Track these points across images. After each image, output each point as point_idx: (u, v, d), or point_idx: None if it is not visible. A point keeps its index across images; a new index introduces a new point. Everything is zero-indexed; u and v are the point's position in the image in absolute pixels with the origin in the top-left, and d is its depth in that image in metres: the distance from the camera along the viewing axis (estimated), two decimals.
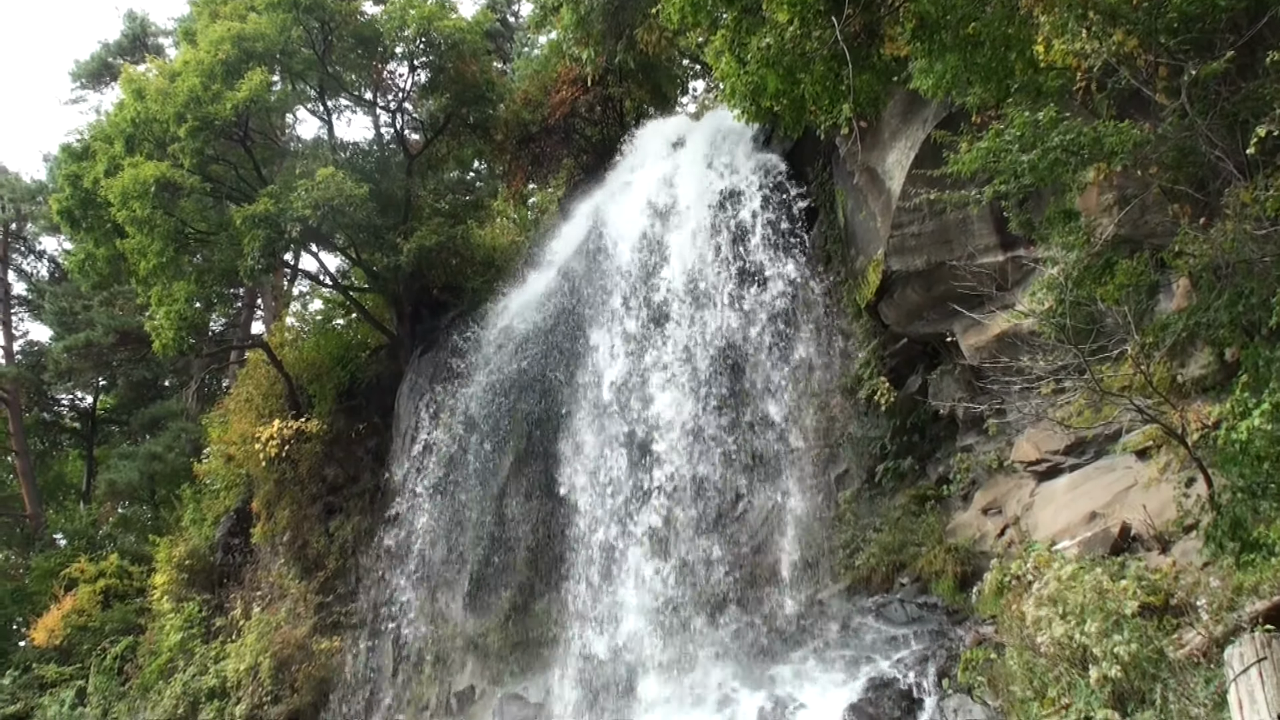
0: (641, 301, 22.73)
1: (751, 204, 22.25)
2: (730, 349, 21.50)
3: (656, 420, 21.59)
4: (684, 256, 22.50)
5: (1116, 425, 15.34)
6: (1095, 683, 10.68)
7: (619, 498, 21.74)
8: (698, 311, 21.88)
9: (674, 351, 21.85)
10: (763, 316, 21.44)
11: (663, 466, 21.18)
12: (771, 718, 16.79)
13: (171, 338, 27.25)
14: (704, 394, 21.36)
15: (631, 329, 22.68)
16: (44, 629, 35.31)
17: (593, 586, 21.50)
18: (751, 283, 21.72)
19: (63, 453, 55.45)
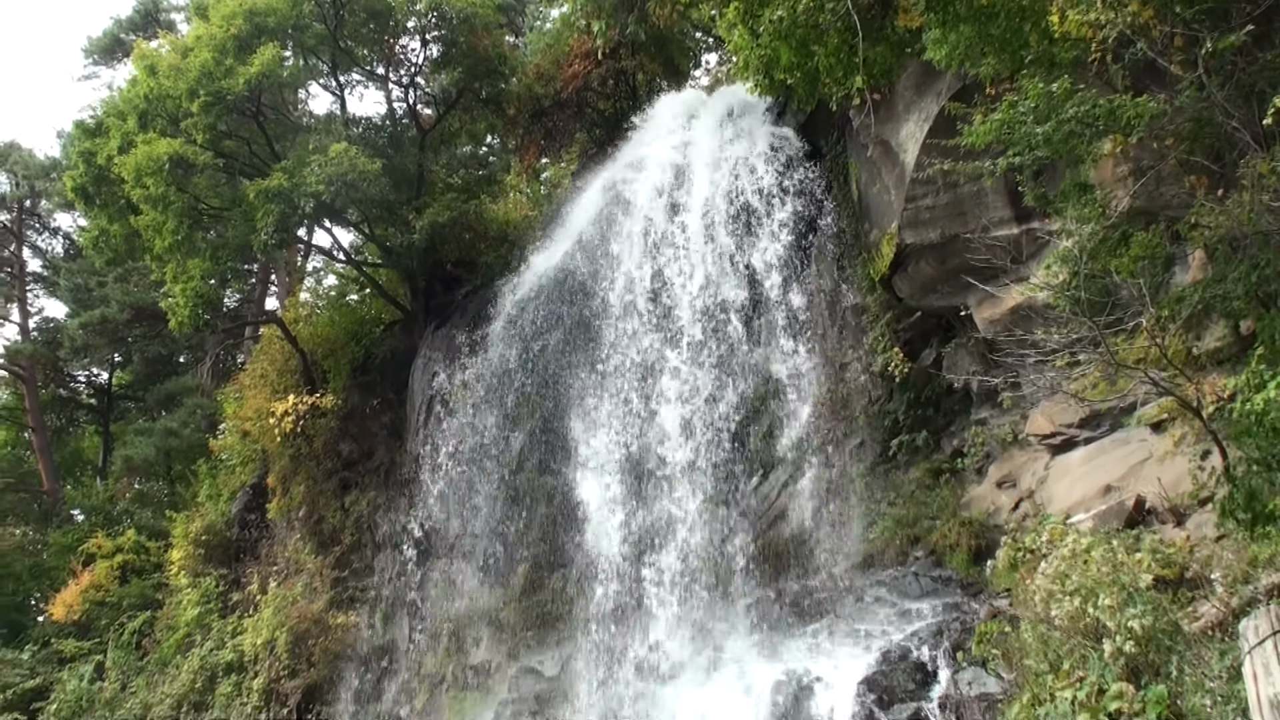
0: (652, 274, 22.71)
1: (764, 177, 22.20)
2: (742, 320, 21.49)
3: (669, 394, 21.62)
4: (696, 227, 22.46)
5: (1131, 398, 15.30)
6: (1109, 656, 10.68)
7: (633, 475, 21.78)
8: (710, 287, 21.86)
9: (686, 325, 21.84)
10: (776, 289, 21.42)
11: (677, 441, 21.21)
12: (786, 690, 16.80)
13: (187, 314, 27.31)
14: (716, 370, 21.36)
15: (642, 305, 22.67)
16: (62, 604, 35.51)
17: (608, 560, 21.54)
18: (765, 255, 21.68)
19: (79, 429, 55.67)
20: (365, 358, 30.12)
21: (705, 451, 21.04)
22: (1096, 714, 10.27)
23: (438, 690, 24.90)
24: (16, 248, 52.88)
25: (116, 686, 31.33)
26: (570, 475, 22.96)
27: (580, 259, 24.56)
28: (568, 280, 24.50)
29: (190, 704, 28.75)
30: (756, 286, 21.68)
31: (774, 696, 16.86)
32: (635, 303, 22.82)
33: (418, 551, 26.33)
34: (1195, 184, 13.25)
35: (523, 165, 33.45)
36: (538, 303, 24.94)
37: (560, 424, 23.64)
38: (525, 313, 25.15)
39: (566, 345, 23.89)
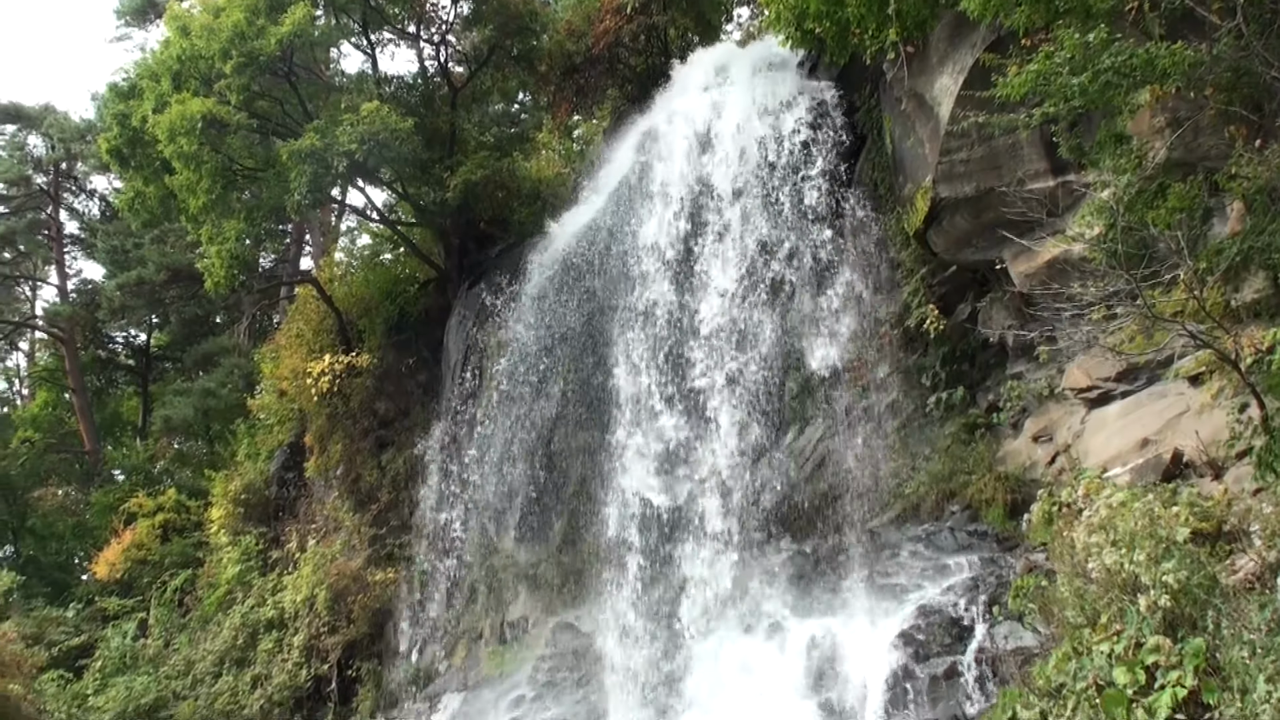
0: (686, 228, 22.66)
1: (797, 132, 22.08)
2: (777, 278, 21.44)
3: (703, 350, 21.64)
4: (729, 182, 22.39)
5: (1169, 351, 15.17)
6: (1146, 609, 10.65)
7: (671, 432, 21.83)
8: (743, 243, 21.81)
9: (719, 280, 21.83)
10: (810, 244, 21.34)
11: (713, 395, 21.25)
12: (820, 645, 16.88)
13: (223, 275, 27.45)
14: (750, 323, 21.34)
15: (672, 256, 22.66)
16: (105, 563, 35.93)
17: (642, 515, 21.62)
18: (798, 210, 21.60)
19: (119, 390, 56.17)
20: (400, 317, 30.21)
21: (738, 409, 21.06)
22: (1134, 667, 10.25)
23: (475, 645, 25.12)
24: (53, 210, 53.20)
25: (160, 643, 31.75)
26: (605, 431, 23.01)
27: (613, 214, 24.53)
28: (600, 236, 24.48)
29: (232, 660, 29.12)
30: (789, 242, 21.59)
31: (809, 652, 16.96)
32: (668, 257, 22.79)
33: (455, 508, 26.48)
34: (1234, 134, 13.10)
35: (555, 122, 33.36)
36: (571, 259, 24.95)
37: (597, 377, 23.66)
38: (559, 268, 25.17)
39: (602, 299, 23.90)
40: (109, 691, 29.15)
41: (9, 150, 53.12)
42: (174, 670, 29.94)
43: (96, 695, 29.50)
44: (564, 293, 24.72)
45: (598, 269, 24.16)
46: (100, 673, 30.89)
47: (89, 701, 29.27)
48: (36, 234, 51.92)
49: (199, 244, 29.26)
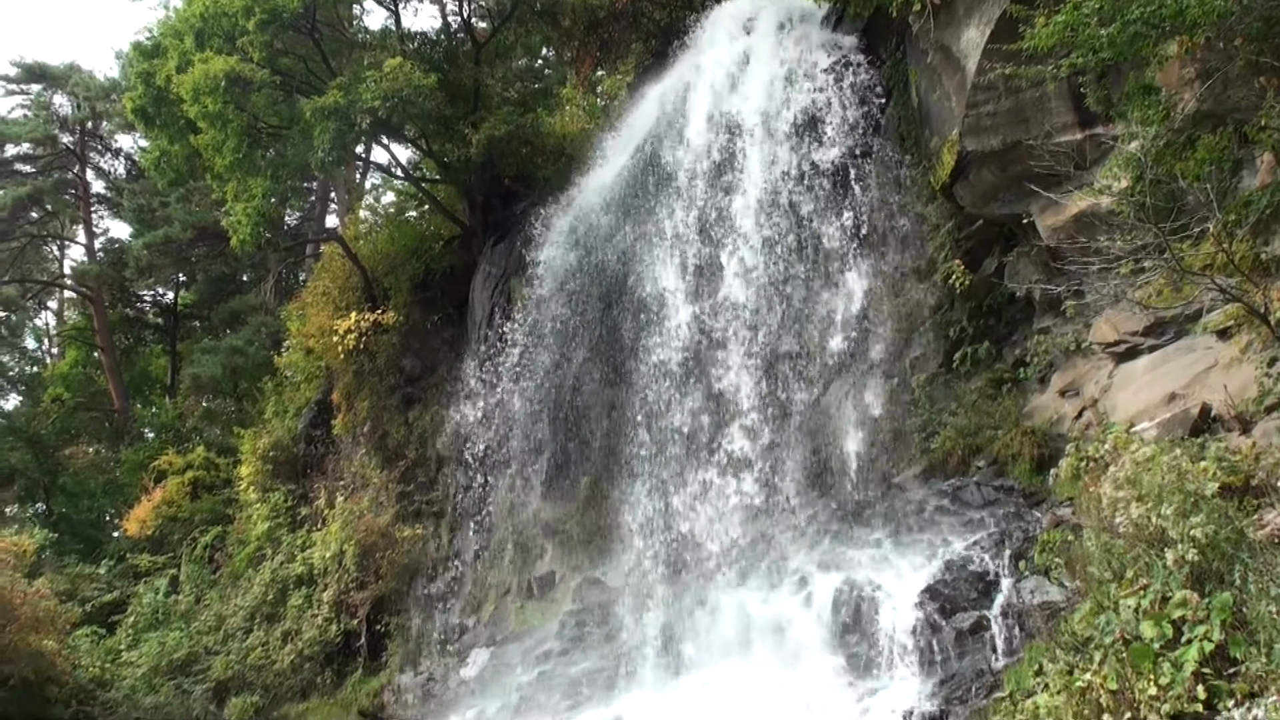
0: (710, 185, 22.61)
1: (822, 85, 21.96)
2: (803, 232, 21.39)
3: (729, 305, 21.63)
4: (754, 137, 22.31)
5: (1197, 305, 15.08)
6: (1173, 564, 10.64)
7: (697, 388, 21.86)
8: (768, 198, 21.75)
9: (745, 233, 21.79)
10: (836, 199, 21.26)
11: (740, 349, 21.26)
12: (847, 600, 16.90)
13: (248, 233, 27.51)
14: (779, 279, 21.31)
15: (698, 214, 22.62)
16: (136, 520, 36.23)
17: (670, 471, 21.68)
18: (823, 165, 21.52)
19: (147, 348, 56.44)
20: (425, 274, 30.23)
21: (765, 364, 21.07)
22: (1160, 621, 10.26)
23: (503, 601, 25.26)
24: (80, 169, 53.32)
25: (191, 599, 32.04)
26: (630, 387, 23.05)
27: (637, 171, 24.48)
28: (624, 197, 24.46)
29: (263, 616, 29.38)
30: (815, 197, 21.52)
31: (835, 606, 16.98)
32: (693, 211, 22.75)
33: (481, 465, 26.59)
34: (1264, 85, 12.97)
35: (578, 78, 33.23)
36: (595, 214, 24.93)
37: (622, 335, 23.69)
38: (583, 224, 25.15)
39: (627, 259, 23.90)
40: (142, 647, 29.49)
41: (35, 110, 53.21)
42: (205, 626, 30.24)
43: (130, 650, 29.85)
44: (588, 250, 24.71)
45: (622, 226, 24.13)
46: (133, 628, 31.23)
47: (122, 656, 29.62)
48: (63, 193, 52.01)
49: (225, 202, 29.27)
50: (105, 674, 28.44)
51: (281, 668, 27.74)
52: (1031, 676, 11.53)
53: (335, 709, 26.34)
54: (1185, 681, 9.62)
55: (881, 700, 15.11)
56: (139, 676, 27.97)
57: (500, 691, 21.50)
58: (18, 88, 53.49)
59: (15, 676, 24.22)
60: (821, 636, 16.88)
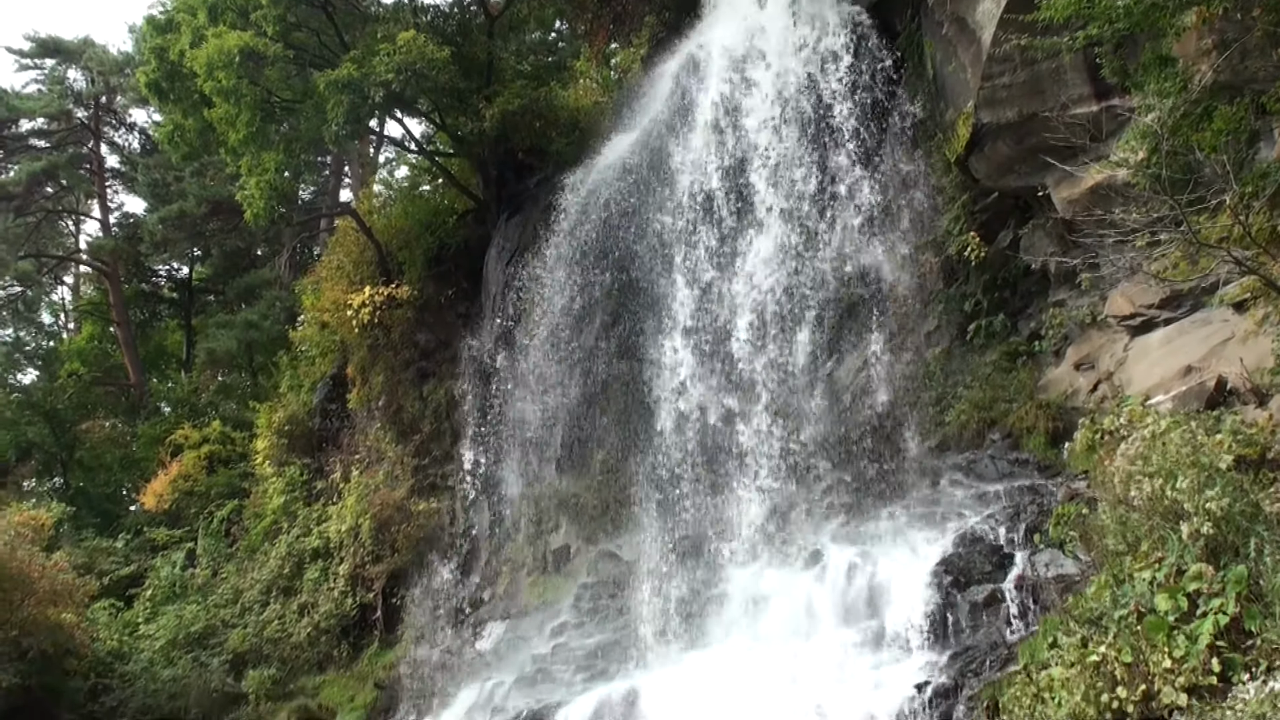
0: (726, 156, 22.57)
1: (837, 57, 21.87)
2: (817, 205, 21.34)
3: (743, 277, 21.62)
4: (769, 108, 22.25)
5: (1213, 277, 15.02)
6: (1188, 537, 10.63)
7: (714, 357, 21.86)
8: (783, 169, 21.70)
9: (760, 209, 21.76)
10: (850, 172, 21.20)
11: (754, 322, 21.25)
12: (860, 573, 16.93)
13: (262, 207, 27.53)
14: (793, 252, 21.27)
15: (714, 185, 22.59)
16: (152, 494, 36.39)
17: (683, 447, 21.69)
18: (838, 137, 21.45)
19: (162, 323, 56.58)
20: (439, 248, 30.20)
21: (780, 338, 21.06)
22: (1175, 594, 10.26)
23: (518, 574, 25.34)
24: (94, 144, 53.34)
25: (208, 573, 32.21)
26: (645, 360, 23.05)
27: (650, 145, 24.43)
28: (639, 169, 24.42)
29: (279, 589, 29.53)
30: (830, 168, 21.46)
31: (849, 579, 17.01)
32: (711, 189, 22.72)
33: (496, 439, 26.63)
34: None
35: (592, 51, 33.11)
36: (609, 186, 24.90)
37: (636, 307, 23.67)
38: (596, 197, 25.12)
39: (641, 230, 23.88)
40: (159, 620, 29.66)
41: (49, 85, 53.26)
42: (222, 599, 30.40)
43: (147, 623, 30.02)
44: (602, 223, 24.68)
45: (636, 201, 24.11)
46: (150, 601, 31.40)
47: (140, 629, 29.80)
48: (78, 168, 52.01)
49: (239, 176, 29.28)
50: (123, 646, 28.62)
51: (298, 640, 27.89)
52: (1046, 649, 11.54)
53: (351, 681, 26.48)
54: (1200, 654, 9.64)
55: (895, 673, 15.14)
56: (157, 649, 28.14)
57: (515, 664, 21.60)
58: (32, 62, 53.52)
59: (34, 649, 24.38)
60: (835, 610, 16.91)
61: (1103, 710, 9.85)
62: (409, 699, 24.39)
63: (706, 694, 16.76)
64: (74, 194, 53.94)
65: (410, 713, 23.87)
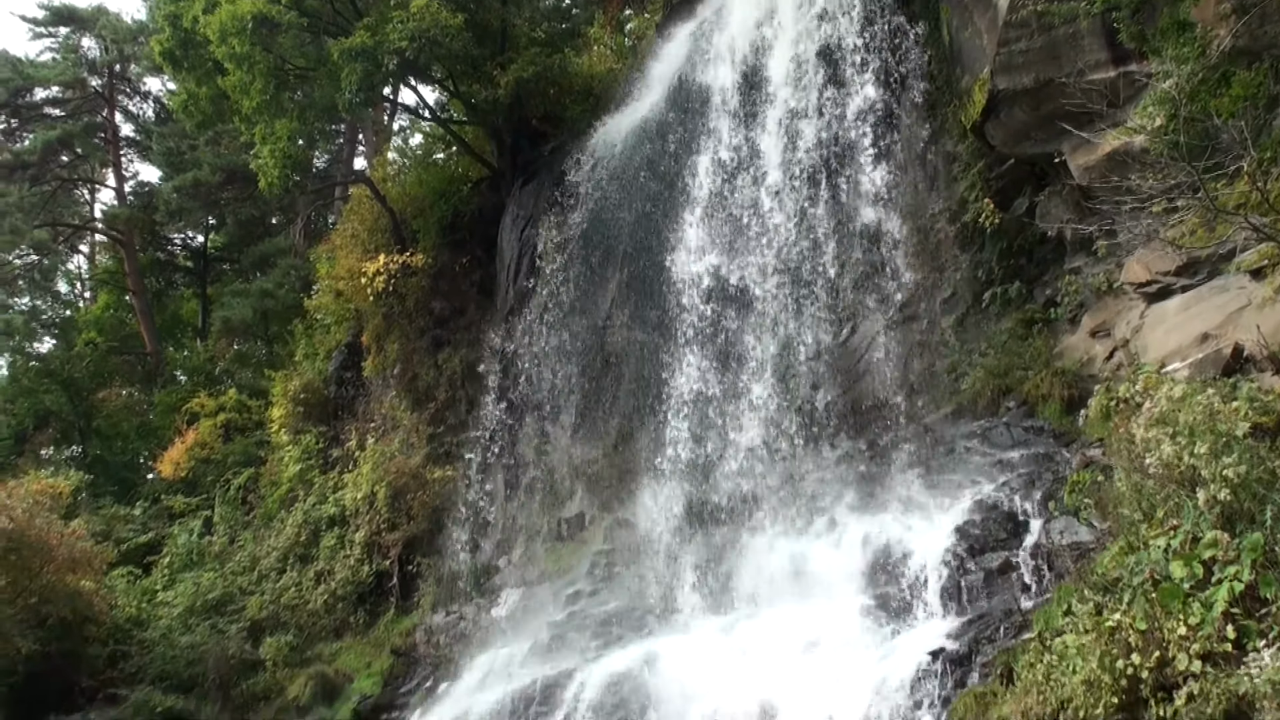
0: (741, 123, 22.51)
1: (852, 22, 21.76)
2: (831, 172, 21.28)
3: (758, 246, 21.61)
4: (783, 73, 22.18)
5: (1230, 244, 14.95)
6: (1204, 504, 10.62)
7: (726, 328, 21.87)
8: (798, 135, 21.65)
9: (773, 173, 21.73)
10: (865, 139, 21.12)
11: (769, 291, 21.26)
12: (876, 542, 16.96)
13: (276, 175, 27.53)
14: (807, 220, 21.23)
15: (727, 157, 22.55)
16: (169, 462, 36.55)
17: (700, 413, 21.71)
18: (853, 103, 21.36)
19: (178, 292, 56.65)
20: (454, 216, 30.16)
21: (791, 304, 21.04)
22: (1190, 562, 10.25)
23: (533, 542, 25.40)
24: (109, 113, 53.31)
25: (225, 540, 32.35)
26: (660, 329, 23.05)
27: (664, 112, 24.38)
28: (652, 133, 24.38)
29: (296, 556, 29.67)
30: (845, 135, 21.38)
31: (864, 547, 17.05)
32: (721, 150, 22.69)
33: (510, 407, 26.67)
34: None
35: (606, 17, 33.01)
36: (624, 151, 24.87)
37: (651, 276, 23.65)
38: (612, 161, 25.09)
39: (655, 200, 23.86)
40: (177, 587, 29.80)
41: (63, 53, 53.19)
42: (239, 566, 30.55)
43: (165, 590, 30.17)
44: (617, 191, 24.66)
45: (650, 167, 24.07)
46: (168, 569, 31.55)
47: (158, 596, 29.94)
48: (93, 137, 52.00)
49: (253, 145, 29.27)
50: (141, 613, 28.77)
51: (315, 608, 28.03)
52: (1060, 616, 11.56)
53: (368, 648, 26.61)
54: (1215, 621, 9.63)
55: (910, 640, 15.18)
56: (175, 616, 28.28)
57: (531, 631, 21.67)
58: (45, 30, 53.46)
59: (54, 615, 24.56)
60: (851, 577, 16.96)
61: (1117, 677, 9.86)
62: (425, 665, 24.52)
63: (721, 661, 16.84)
64: (89, 163, 53.93)
65: (427, 679, 23.99)
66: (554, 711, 18.00)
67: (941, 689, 13.98)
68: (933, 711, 13.86)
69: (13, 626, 22.91)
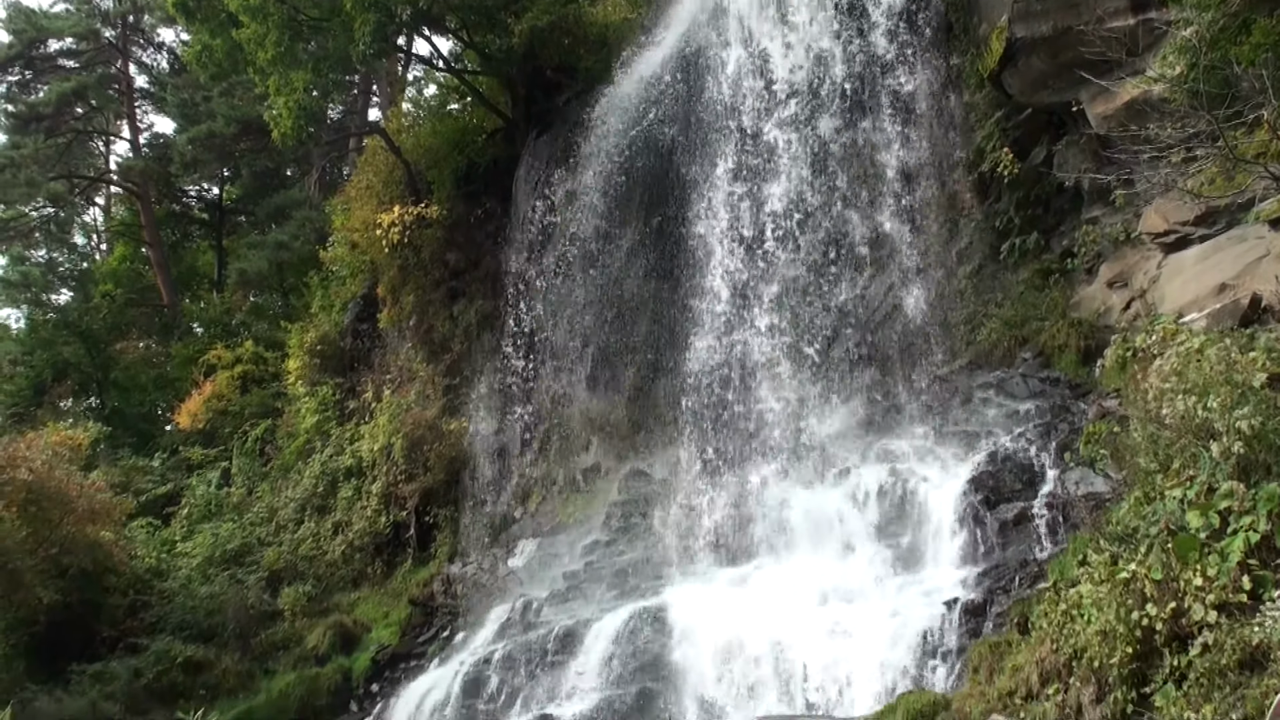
0: (754, 76, 22.40)
1: None
2: (847, 121, 21.18)
3: (774, 195, 21.54)
4: (800, 19, 22.06)
5: (1249, 194, 14.85)
6: (1220, 454, 10.58)
7: (742, 275, 21.83)
8: (813, 81, 21.54)
9: (789, 121, 21.65)
10: (881, 88, 21.00)
11: (785, 239, 21.20)
12: (892, 490, 17.00)
13: (290, 126, 27.46)
14: (823, 168, 21.16)
15: (740, 100, 22.46)
16: (187, 413, 36.72)
17: (715, 363, 21.70)
18: (869, 52, 21.24)
19: (193, 244, 56.72)
20: (468, 167, 30.06)
21: (809, 257, 21.00)
22: (1206, 512, 10.24)
23: (550, 492, 25.50)
24: (123, 64, 53.16)
25: (242, 491, 32.55)
26: (675, 280, 23.02)
27: (678, 60, 24.25)
28: (667, 85, 24.26)
29: (313, 507, 29.86)
30: (861, 84, 21.26)
31: (880, 498, 17.08)
32: (736, 96, 22.59)
33: (527, 359, 26.69)
34: None
35: None
36: (640, 100, 24.76)
37: (666, 228, 23.60)
38: (627, 114, 24.97)
39: (672, 148, 23.78)
40: (196, 538, 29.99)
41: (76, 4, 52.97)
42: (257, 517, 30.75)
43: (184, 541, 30.37)
44: (632, 140, 24.56)
45: (667, 116, 23.97)
46: (187, 520, 31.76)
47: (177, 547, 30.14)
48: (107, 89, 51.93)
49: (267, 96, 29.17)
50: (161, 564, 28.97)
51: (332, 558, 28.25)
52: (1075, 567, 11.55)
53: (386, 598, 26.81)
54: (1230, 572, 9.62)
55: (926, 590, 15.27)
56: (194, 567, 28.46)
57: (547, 581, 21.79)
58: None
59: (74, 566, 24.76)
60: (866, 528, 17.03)
61: (1132, 627, 9.87)
62: (443, 615, 24.68)
63: (736, 611, 16.92)
64: (103, 114, 53.85)
65: (444, 629, 24.16)
66: (572, 659, 18.14)
67: (957, 639, 14.07)
68: (948, 661, 13.95)
69: (34, 577, 23.10)
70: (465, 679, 19.26)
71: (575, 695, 17.61)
